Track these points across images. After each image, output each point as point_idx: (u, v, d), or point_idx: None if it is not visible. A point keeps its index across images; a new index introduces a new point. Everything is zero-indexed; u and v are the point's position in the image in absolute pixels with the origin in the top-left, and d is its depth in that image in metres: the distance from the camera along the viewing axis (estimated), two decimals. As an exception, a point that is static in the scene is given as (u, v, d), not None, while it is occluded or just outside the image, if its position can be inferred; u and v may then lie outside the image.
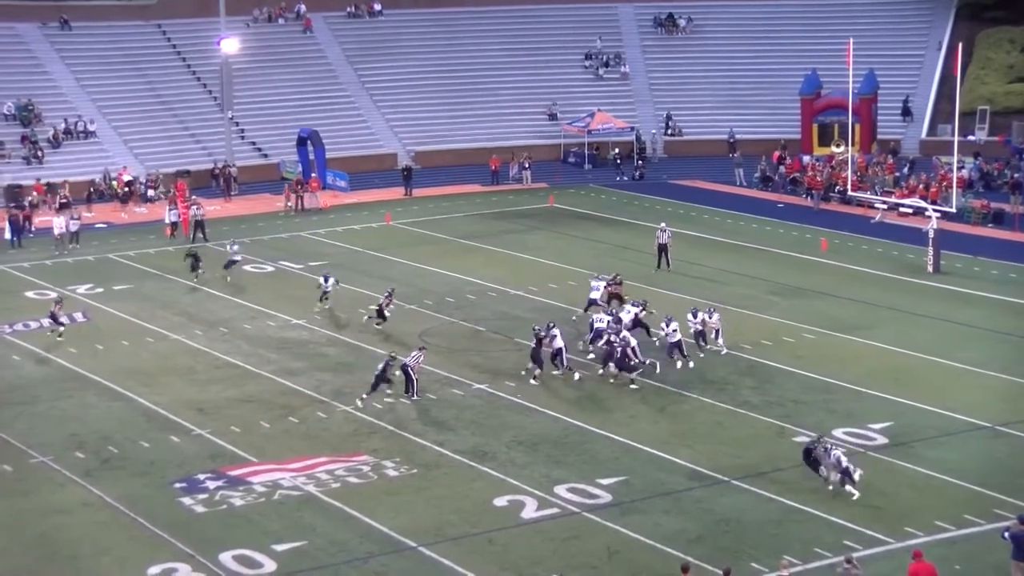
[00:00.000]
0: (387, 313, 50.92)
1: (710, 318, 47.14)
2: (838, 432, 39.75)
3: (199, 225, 67.82)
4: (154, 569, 32.21)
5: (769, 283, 55.49)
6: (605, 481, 36.59)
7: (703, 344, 46.49)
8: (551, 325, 45.30)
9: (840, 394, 43.13)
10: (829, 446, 35.74)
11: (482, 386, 44.61)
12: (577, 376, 44.42)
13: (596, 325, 46.49)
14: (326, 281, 54.03)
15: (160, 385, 45.57)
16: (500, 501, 35.71)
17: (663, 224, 61.07)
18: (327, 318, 52.81)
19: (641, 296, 50.33)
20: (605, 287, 50.78)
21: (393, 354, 43.98)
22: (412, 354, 44.10)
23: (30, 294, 58.40)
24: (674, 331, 45.68)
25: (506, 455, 38.89)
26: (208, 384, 45.68)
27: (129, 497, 36.39)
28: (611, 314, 47.36)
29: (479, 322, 51.78)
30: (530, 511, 35.05)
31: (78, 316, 53.70)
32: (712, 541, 33.09)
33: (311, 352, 49.13)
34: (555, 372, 44.74)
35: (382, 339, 49.22)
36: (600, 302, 49.81)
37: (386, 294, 51.53)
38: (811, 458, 35.74)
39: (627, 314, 47.31)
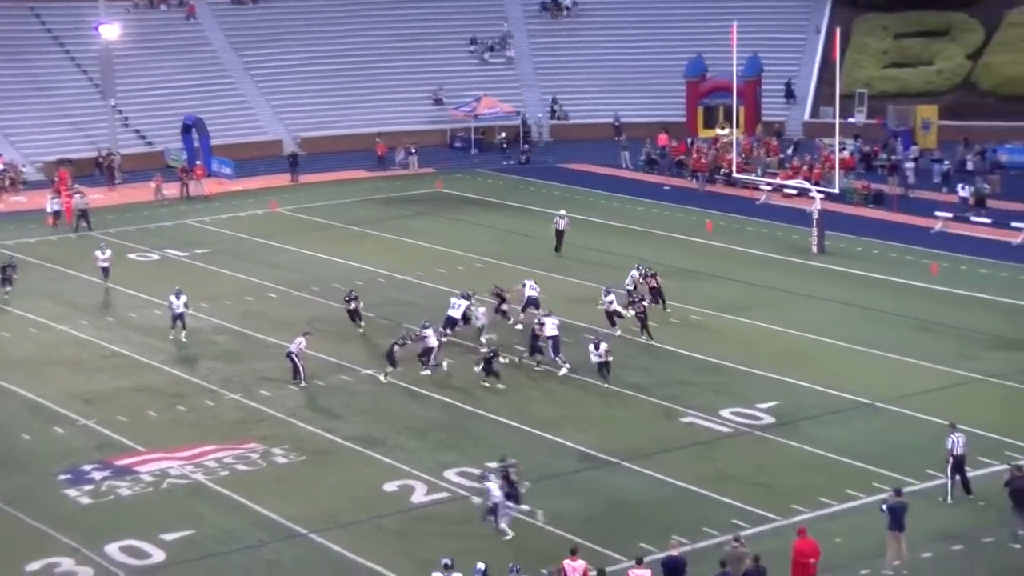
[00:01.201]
0: (360, 314, 49.24)
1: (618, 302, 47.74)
2: (725, 412, 40.17)
3: (83, 214, 66.94)
4: (34, 565, 31.73)
5: (656, 265, 55.78)
6: (494, 464, 36.62)
7: (607, 374, 43.12)
8: (425, 324, 44.81)
9: (728, 374, 43.57)
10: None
11: (371, 372, 44.51)
12: (446, 367, 44.19)
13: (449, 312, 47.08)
14: (178, 298, 48.57)
15: (45, 376, 44.98)
16: (390, 486, 35.70)
17: (562, 211, 61.19)
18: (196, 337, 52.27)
19: (527, 279, 50.33)
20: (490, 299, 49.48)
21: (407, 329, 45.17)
22: (296, 340, 43.82)
23: (-92, 285, 57.30)
24: (610, 302, 47.28)
25: (395, 441, 38.87)
26: (95, 374, 45.19)
27: (7, 492, 35.84)
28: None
29: (368, 308, 51.50)
30: (420, 495, 35.08)
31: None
32: (602, 522, 33.30)
33: (200, 340, 48.74)
34: (423, 372, 44.06)
35: (272, 326, 48.97)
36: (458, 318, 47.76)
37: (345, 298, 49.66)
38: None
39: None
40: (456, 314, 47.18)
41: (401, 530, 33.11)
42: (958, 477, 33.92)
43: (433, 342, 44.09)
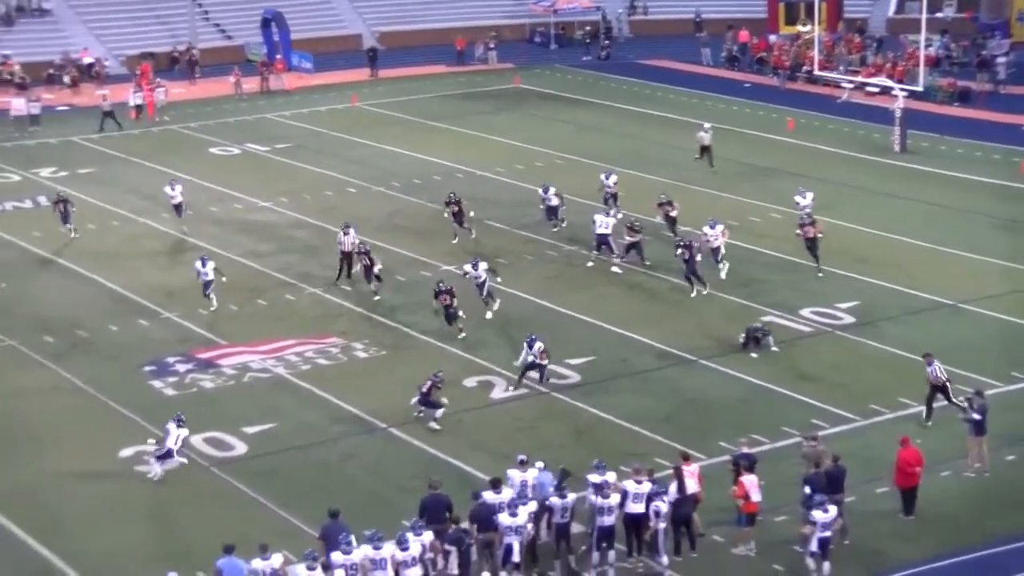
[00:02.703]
0: (463, 216, 47.23)
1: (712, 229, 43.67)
2: (805, 311, 40.02)
3: (110, 114, 65.80)
4: (126, 451, 32.33)
5: (735, 163, 55.39)
6: (573, 361, 36.77)
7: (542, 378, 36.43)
8: (475, 261, 41.12)
9: (807, 274, 43.31)
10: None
11: (450, 268, 44.62)
12: (496, 306, 40.96)
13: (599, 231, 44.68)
14: (203, 265, 41.83)
15: (128, 269, 45.47)
16: (470, 382, 35.88)
17: (707, 124, 57.13)
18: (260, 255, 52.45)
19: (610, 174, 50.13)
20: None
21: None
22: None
23: (-7, 177, 58.12)
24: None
25: (475, 336, 39.01)
26: (175, 267, 45.60)
27: (99, 380, 36.44)
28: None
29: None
30: (499, 392, 35.26)
31: (42, 200, 53.49)
32: (679, 420, 33.37)
33: (279, 235, 49.04)
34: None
35: (348, 219, 49.08)
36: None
37: (447, 200, 47.71)
38: None
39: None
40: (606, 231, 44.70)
41: (479, 425, 33.32)
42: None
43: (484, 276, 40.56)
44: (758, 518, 27.56)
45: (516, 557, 25.88)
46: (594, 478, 26.98)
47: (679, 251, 41.69)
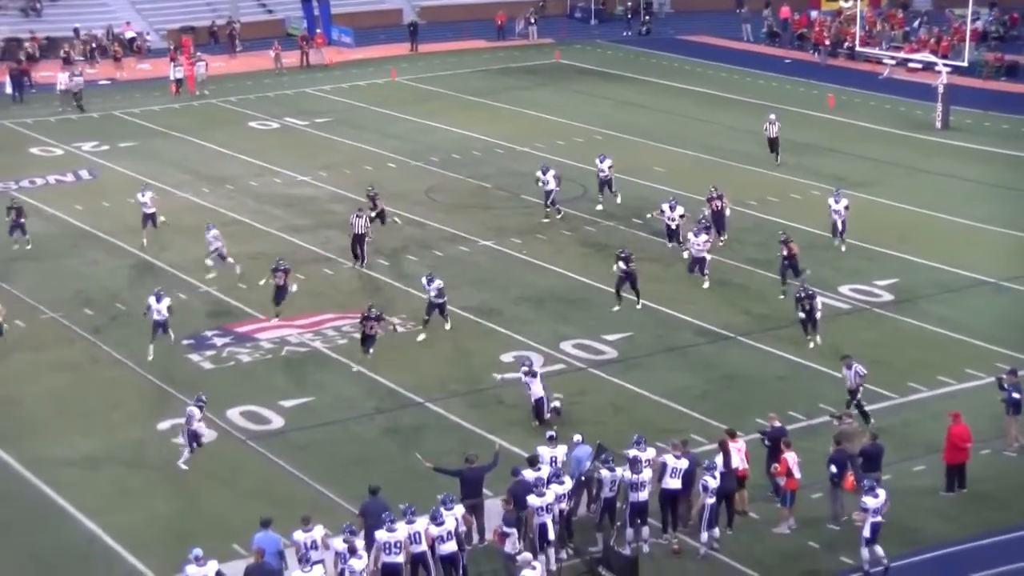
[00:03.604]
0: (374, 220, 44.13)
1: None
2: (844, 288, 39.87)
3: (76, 96, 65.46)
4: (164, 424, 32.51)
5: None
6: (611, 337, 36.75)
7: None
8: (430, 276, 37.92)
9: (847, 251, 43.11)
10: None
11: (488, 243, 44.63)
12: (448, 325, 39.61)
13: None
14: (158, 301, 36.47)
15: (167, 242, 45.60)
16: (507, 357, 35.87)
17: (772, 115, 54.07)
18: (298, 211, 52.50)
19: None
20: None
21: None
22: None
23: (34, 150, 58.29)
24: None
25: (512, 312, 39.02)
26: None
27: (137, 354, 36.59)
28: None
29: (485, 179, 51.69)
30: (537, 367, 35.18)
31: (84, 173, 53.78)
32: (717, 397, 33.31)
33: (317, 209, 49.12)
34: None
35: (389, 195, 49.08)
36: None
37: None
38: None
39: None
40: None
41: (517, 401, 33.31)
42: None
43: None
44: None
45: (551, 535, 25.92)
46: (631, 453, 26.97)
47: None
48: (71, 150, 57.96)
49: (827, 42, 73.82)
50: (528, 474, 26.63)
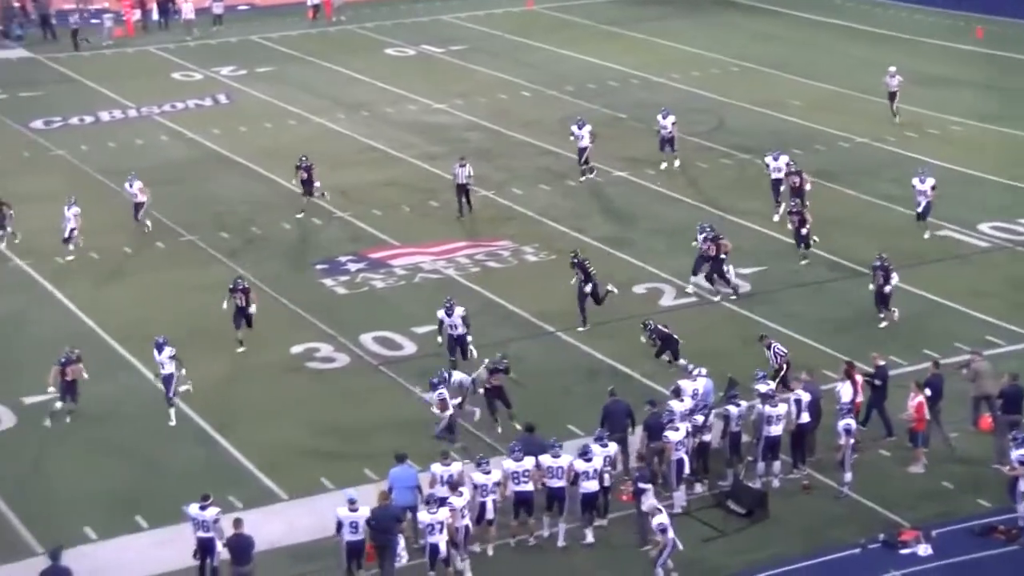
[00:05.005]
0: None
1: None
2: (983, 226, 39.14)
3: (74, 33, 64.52)
4: (297, 348, 32.89)
5: (915, 73, 54.08)
6: (745, 270, 36.42)
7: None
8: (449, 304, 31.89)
9: (988, 187, 42.33)
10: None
11: (623, 174, 44.43)
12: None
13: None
14: (159, 352, 30.11)
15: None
16: (639, 288, 35.77)
17: (892, 68, 49.59)
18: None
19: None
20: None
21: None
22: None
23: (176, 75, 59.00)
24: None
25: (645, 243, 38.87)
26: (350, 167, 46.00)
27: (272, 277, 37.03)
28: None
29: (620, 109, 51.40)
30: (668, 299, 35.12)
31: (222, 97, 54.36)
32: (851, 332, 32.89)
33: (452, 137, 49.20)
34: None
35: (524, 125, 49.02)
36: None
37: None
38: None
39: None
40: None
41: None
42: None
43: None
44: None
45: (687, 469, 25.90)
46: (761, 387, 26.84)
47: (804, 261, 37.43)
48: (210, 75, 58.61)
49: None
50: (676, 405, 26.55)
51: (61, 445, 28.76)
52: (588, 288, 33.34)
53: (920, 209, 38.59)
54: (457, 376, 29.03)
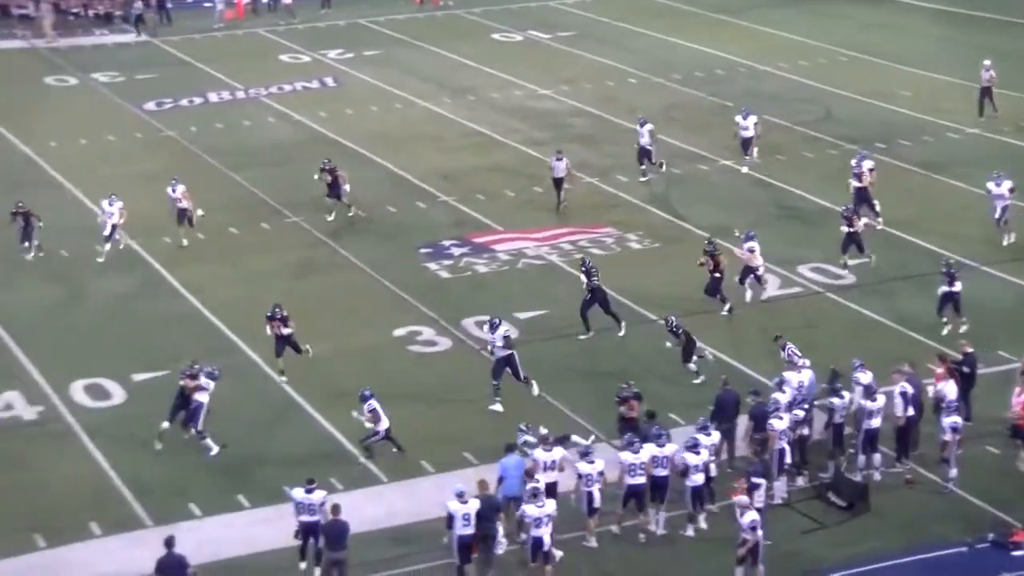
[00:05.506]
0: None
1: None
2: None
3: None
4: (399, 331, 33.07)
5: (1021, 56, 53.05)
6: (851, 262, 36.06)
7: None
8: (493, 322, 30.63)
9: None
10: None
11: (727, 162, 44.21)
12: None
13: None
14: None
15: (408, 151, 46.19)
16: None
17: (987, 61, 48.12)
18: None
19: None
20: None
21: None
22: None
23: (283, 57, 59.48)
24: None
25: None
26: (454, 152, 46.17)
27: (375, 260, 37.25)
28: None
29: (727, 97, 51.08)
30: (773, 289, 34.89)
31: (329, 80, 54.72)
32: (956, 327, 32.50)
33: (557, 123, 49.18)
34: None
35: (630, 112, 48.85)
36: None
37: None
38: None
39: None
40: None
41: (750, 320, 33.07)
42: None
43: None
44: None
45: (788, 458, 25.79)
46: (863, 378, 26.62)
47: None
48: (317, 57, 59.01)
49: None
50: (780, 397, 26.40)
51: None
52: (588, 296, 32.62)
53: (996, 215, 37.36)
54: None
